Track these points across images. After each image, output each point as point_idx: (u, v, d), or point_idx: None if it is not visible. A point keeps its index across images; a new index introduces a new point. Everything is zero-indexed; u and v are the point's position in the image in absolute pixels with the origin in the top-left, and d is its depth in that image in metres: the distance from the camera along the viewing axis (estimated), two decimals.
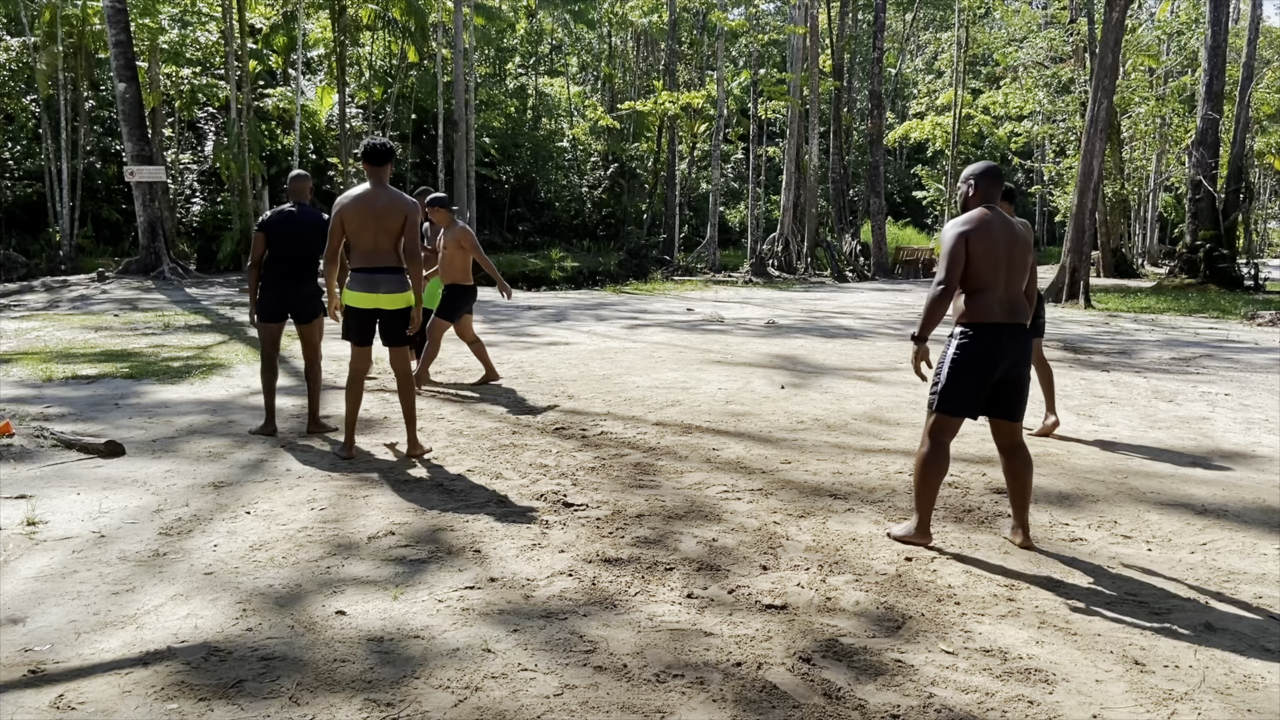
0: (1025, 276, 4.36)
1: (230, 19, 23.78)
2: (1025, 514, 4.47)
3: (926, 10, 49.27)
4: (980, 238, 4.21)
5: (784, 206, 30.35)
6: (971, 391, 4.27)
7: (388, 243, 5.55)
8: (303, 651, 3.27)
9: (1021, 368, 4.33)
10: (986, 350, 4.23)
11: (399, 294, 5.63)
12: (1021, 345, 4.30)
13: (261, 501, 4.93)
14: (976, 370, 4.24)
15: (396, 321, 5.70)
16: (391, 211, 5.52)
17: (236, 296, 17.22)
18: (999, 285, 4.26)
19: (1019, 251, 4.30)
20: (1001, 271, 4.25)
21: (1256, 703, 3.08)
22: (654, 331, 13.06)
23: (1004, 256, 4.25)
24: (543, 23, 39.88)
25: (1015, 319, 4.29)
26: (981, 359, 4.23)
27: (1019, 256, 4.30)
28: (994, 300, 4.26)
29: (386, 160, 5.58)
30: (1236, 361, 10.78)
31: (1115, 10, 18.41)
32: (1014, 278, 4.30)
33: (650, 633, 3.46)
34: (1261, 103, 33.57)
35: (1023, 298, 4.36)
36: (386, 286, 5.59)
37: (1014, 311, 4.29)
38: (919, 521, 4.43)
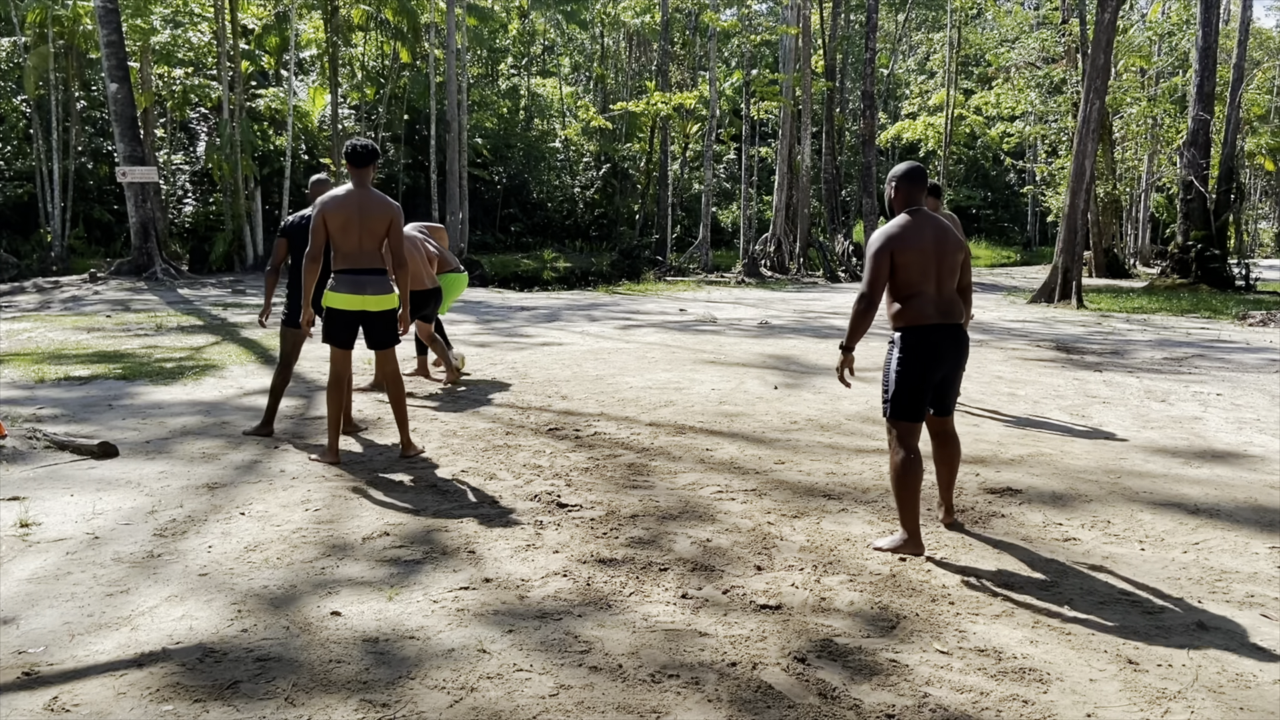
0: (956, 276, 4.41)
1: (222, 19, 23.73)
2: (950, 494, 4.68)
3: (919, 11, 49.36)
4: (905, 247, 4.25)
5: (776, 207, 30.38)
6: (919, 394, 4.35)
7: (372, 244, 5.52)
8: (298, 652, 3.26)
9: (959, 366, 4.46)
10: (926, 353, 4.31)
11: (385, 295, 5.60)
12: (958, 344, 4.40)
13: (256, 502, 4.92)
14: (919, 373, 4.32)
15: (383, 323, 5.65)
16: (377, 213, 5.49)
17: (229, 298, 17.18)
18: (931, 288, 4.32)
19: (949, 251, 4.34)
20: (932, 275, 4.31)
21: (1249, 701, 3.09)
22: (647, 332, 13.06)
23: (933, 260, 4.30)
24: (535, 23, 39.87)
25: (950, 319, 4.35)
26: (922, 362, 4.31)
27: (949, 256, 4.34)
28: (927, 303, 4.32)
29: (368, 161, 5.53)
30: (1228, 361, 10.82)
31: (1107, 11, 18.47)
32: (945, 279, 4.35)
33: (645, 633, 3.47)
34: (1252, 104, 33.75)
35: (956, 298, 4.43)
36: (373, 288, 5.55)
37: (948, 313, 4.35)
38: (909, 533, 4.35)
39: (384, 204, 5.53)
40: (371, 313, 5.60)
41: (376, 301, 5.57)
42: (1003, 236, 46.93)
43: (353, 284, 5.53)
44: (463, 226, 25.85)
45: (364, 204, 5.49)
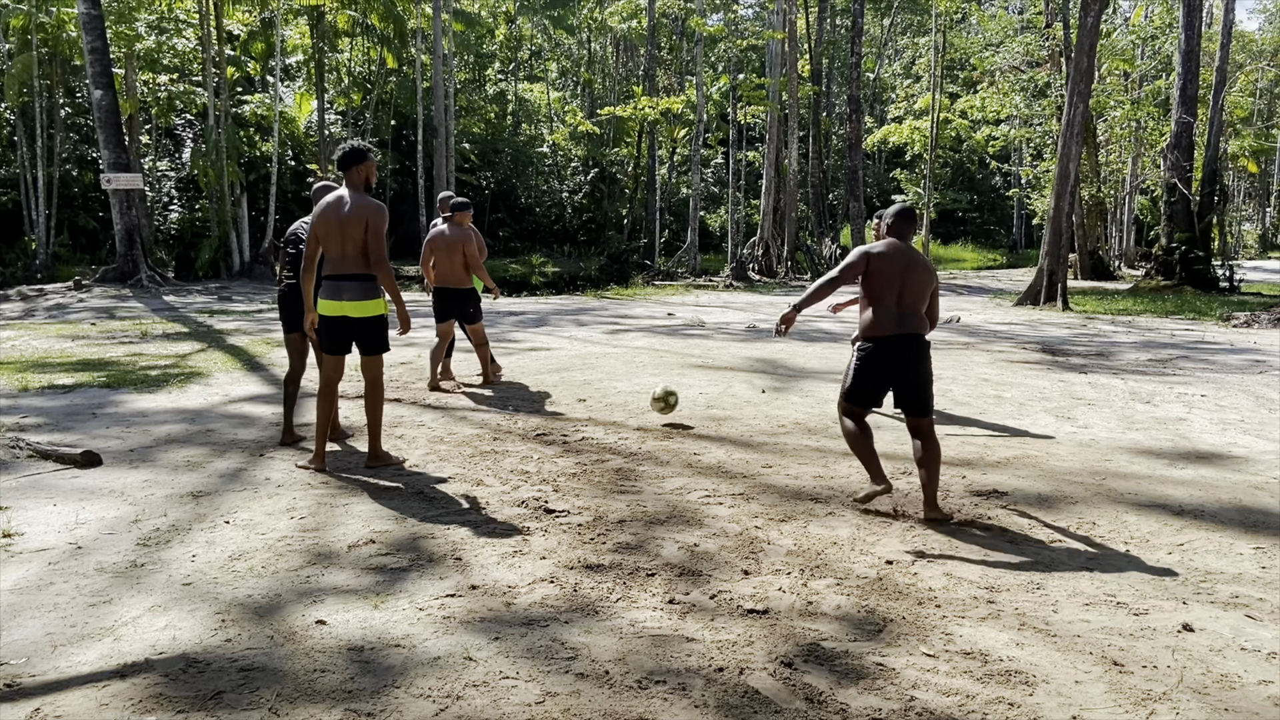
0: (920, 298, 5.01)
1: (207, 25, 23.63)
2: (931, 492, 4.97)
3: (904, 15, 49.55)
4: (881, 259, 4.97)
5: (764, 211, 30.43)
6: (868, 390, 5.07)
7: (353, 249, 5.45)
8: (282, 662, 3.25)
9: (914, 370, 4.99)
10: (877, 359, 5.00)
11: (365, 301, 5.50)
12: (909, 352, 4.97)
13: (240, 511, 4.90)
14: (871, 374, 5.03)
15: (365, 330, 5.57)
16: (355, 217, 5.40)
17: (215, 304, 17.11)
18: (892, 301, 4.97)
19: (915, 273, 4.98)
20: (895, 290, 4.96)
21: (1234, 702, 3.11)
22: (635, 336, 13.06)
23: (899, 278, 4.96)
24: (522, 28, 39.88)
25: (903, 329, 4.96)
26: (874, 366, 5.02)
27: (915, 277, 4.98)
28: (886, 314, 4.98)
29: (351, 164, 5.46)
30: (1212, 363, 10.89)
31: (1090, 15, 18.58)
32: (905, 296, 4.97)
33: (632, 639, 3.46)
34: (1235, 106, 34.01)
35: (916, 313, 5.01)
36: (350, 294, 5.48)
37: (903, 323, 4.97)
38: (871, 476, 5.04)
39: (362, 207, 5.42)
40: (352, 318, 5.54)
41: (355, 307, 5.50)
42: (989, 239, 47.12)
43: (332, 290, 5.52)
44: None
45: (344, 209, 5.44)
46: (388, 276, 5.52)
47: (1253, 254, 49.68)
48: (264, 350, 10.76)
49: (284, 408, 6.41)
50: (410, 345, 11.38)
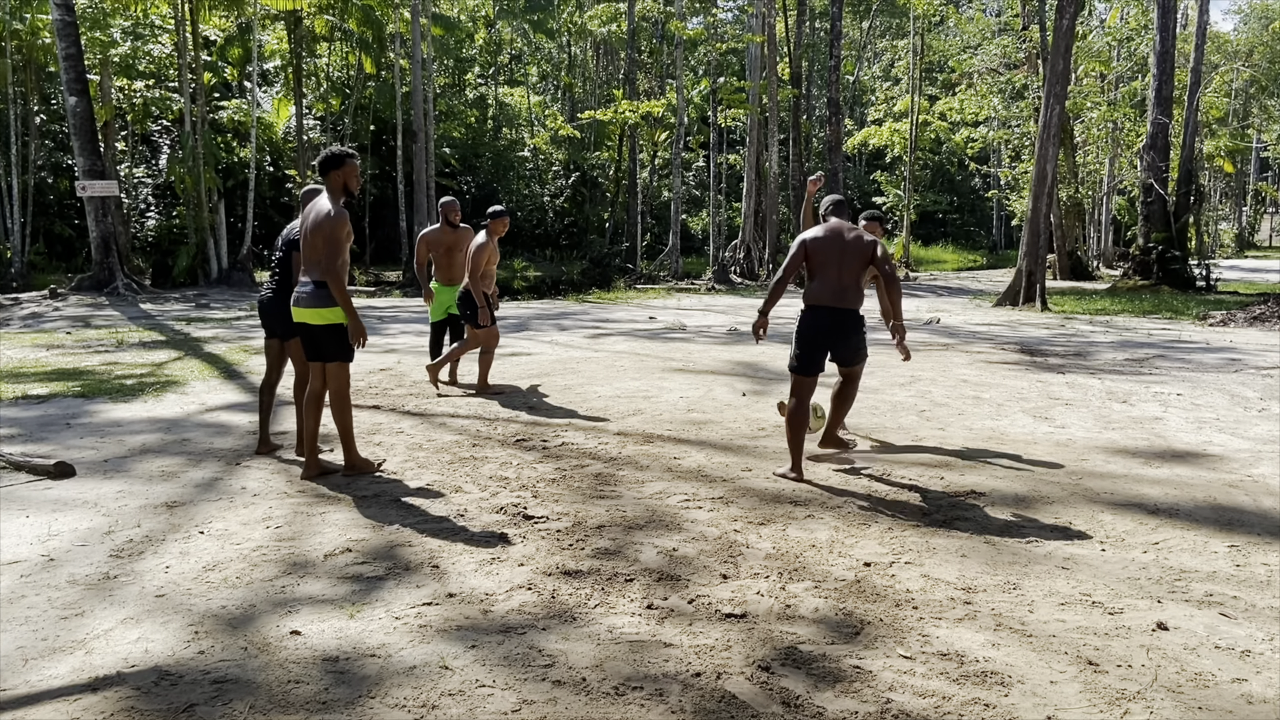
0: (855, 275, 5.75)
1: (183, 31, 23.45)
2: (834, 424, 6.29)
3: (883, 19, 49.79)
4: (816, 242, 5.77)
5: (745, 213, 30.49)
6: (811, 355, 5.81)
7: (313, 255, 5.44)
8: (255, 673, 3.22)
9: (849, 339, 5.87)
10: (813, 324, 5.77)
11: (321, 309, 5.43)
12: (845, 323, 5.79)
13: (216, 521, 4.86)
14: (810, 339, 5.79)
15: (324, 337, 5.50)
16: (314, 224, 5.41)
17: (193, 312, 16.99)
18: (830, 277, 5.73)
19: (849, 254, 5.73)
20: (834, 268, 5.72)
21: (1208, 700, 3.12)
22: (616, 340, 13.05)
23: (836, 256, 5.72)
24: (501, 33, 39.81)
25: (839, 304, 5.74)
26: (811, 331, 5.78)
27: (849, 258, 5.73)
28: (824, 288, 5.75)
29: (329, 169, 5.42)
30: (1188, 362, 10.98)
31: (1065, 17, 18.73)
32: (844, 272, 5.73)
33: (610, 645, 3.45)
34: (1210, 107, 34.34)
35: (851, 287, 5.75)
36: (306, 301, 5.46)
37: (839, 297, 5.73)
38: (794, 462, 5.77)
39: (319, 214, 5.40)
40: (311, 325, 5.51)
41: (312, 314, 5.46)
42: (969, 240, 47.37)
43: (295, 296, 5.56)
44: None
45: (310, 215, 5.48)
46: (336, 284, 5.35)
47: (1229, 253, 50.17)
48: (242, 358, 10.68)
49: (259, 416, 6.36)
50: (390, 352, 11.34)
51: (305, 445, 5.71)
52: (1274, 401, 8.38)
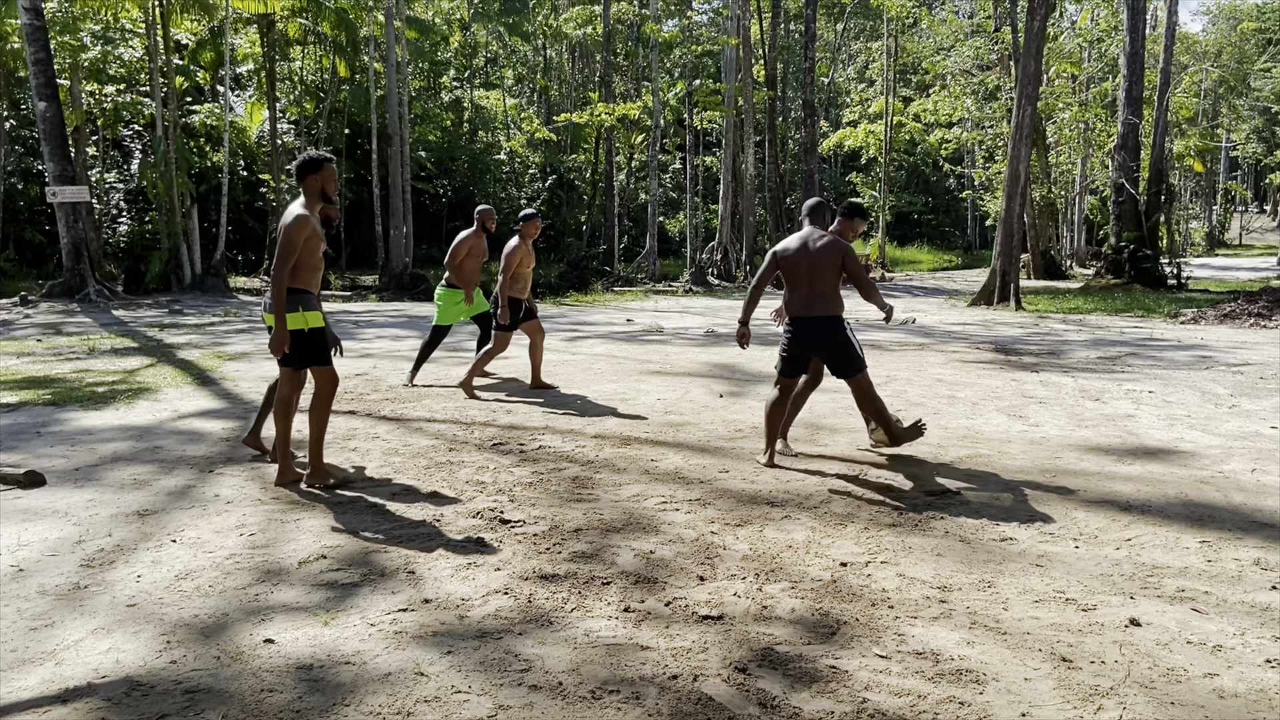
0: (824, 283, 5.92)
1: (154, 35, 23.24)
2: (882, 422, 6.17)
3: (857, 20, 50.08)
4: (785, 255, 6.02)
5: (722, 215, 30.57)
6: (794, 362, 6.11)
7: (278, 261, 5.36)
8: (228, 683, 3.19)
9: (829, 344, 5.98)
10: (793, 336, 6.05)
11: (271, 313, 5.36)
12: (820, 330, 5.96)
13: (188, 529, 4.81)
14: (791, 349, 6.07)
15: None
16: (279, 227, 5.34)
17: (165, 318, 16.82)
18: (801, 289, 5.98)
19: (817, 264, 5.90)
20: (802, 279, 5.97)
21: (1180, 695, 3.15)
22: (593, 343, 13.04)
23: (805, 269, 5.94)
24: (477, 36, 39.70)
25: (811, 313, 5.96)
26: (792, 342, 6.06)
27: (817, 267, 5.90)
28: (794, 299, 6.02)
29: (303, 174, 5.36)
30: (1160, 359, 11.09)
31: (1036, 19, 18.91)
32: (813, 284, 5.94)
33: (586, 649, 3.44)
34: (1180, 107, 34.74)
35: (822, 298, 5.93)
36: (267, 305, 5.41)
37: (809, 306, 5.96)
38: (768, 445, 6.12)
39: (283, 217, 5.34)
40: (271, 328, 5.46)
41: (269, 318, 5.43)
42: (944, 241, 47.71)
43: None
44: (407, 240, 25.61)
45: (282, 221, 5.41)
46: (276, 289, 5.22)
47: (1200, 251, 50.78)
48: (215, 364, 10.59)
49: (259, 411, 6.29)
50: (366, 356, 11.28)
51: (277, 452, 5.65)
52: (1244, 398, 8.49)
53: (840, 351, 5.97)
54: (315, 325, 5.42)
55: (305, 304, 5.37)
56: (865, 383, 6.01)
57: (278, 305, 5.22)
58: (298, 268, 5.30)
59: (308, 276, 5.38)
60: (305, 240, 5.28)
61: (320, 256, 5.48)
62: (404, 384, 9.12)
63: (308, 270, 5.37)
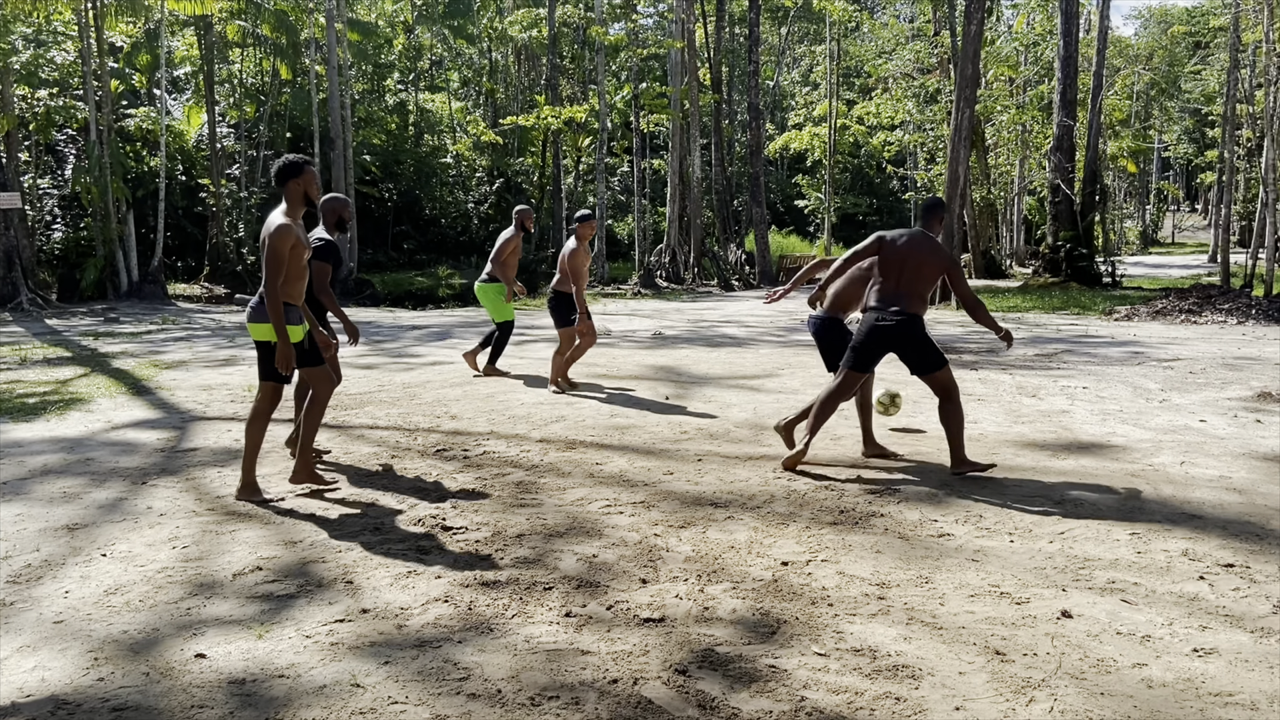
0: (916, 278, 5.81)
1: (87, 38, 22.67)
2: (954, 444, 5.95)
3: (800, 24, 50.55)
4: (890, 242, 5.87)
5: (670, 218, 30.64)
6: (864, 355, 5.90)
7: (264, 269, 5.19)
8: (158, 699, 3.11)
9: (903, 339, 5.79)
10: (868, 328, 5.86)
11: (256, 324, 5.25)
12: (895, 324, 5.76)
13: (119, 543, 4.69)
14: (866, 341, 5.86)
15: (261, 353, 5.34)
16: (263, 236, 5.17)
17: (101, 327, 16.41)
18: (890, 279, 5.82)
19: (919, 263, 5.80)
20: (895, 272, 5.82)
21: (1109, 685, 3.22)
22: (540, 347, 12.97)
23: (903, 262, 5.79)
24: (421, 38, 39.36)
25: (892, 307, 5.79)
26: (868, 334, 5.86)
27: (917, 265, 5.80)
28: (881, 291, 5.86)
29: (284, 179, 5.20)
30: (1094, 356, 11.35)
31: (973, 23, 19.25)
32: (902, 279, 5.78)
33: (526, 655, 3.42)
34: (1113, 109, 35.56)
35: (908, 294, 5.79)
36: (251, 315, 5.26)
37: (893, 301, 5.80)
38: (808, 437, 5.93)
39: (267, 225, 5.17)
40: (256, 340, 5.33)
41: (253, 329, 5.29)
42: None
43: None
44: (352, 245, 25.29)
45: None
46: (270, 302, 5.05)
47: (1134, 250, 52.05)
48: (151, 373, 10.36)
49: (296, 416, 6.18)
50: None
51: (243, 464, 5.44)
52: (1174, 392, 8.72)
53: (920, 347, 5.80)
54: (295, 340, 5.24)
55: (288, 318, 5.18)
56: (942, 381, 5.83)
57: (275, 319, 5.04)
58: (284, 279, 5.13)
59: (290, 287, 5.20)
60: (290, 250, 5.12)
61: (305, 265, 5.31)
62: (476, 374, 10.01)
63: (290, 281, 5.19)
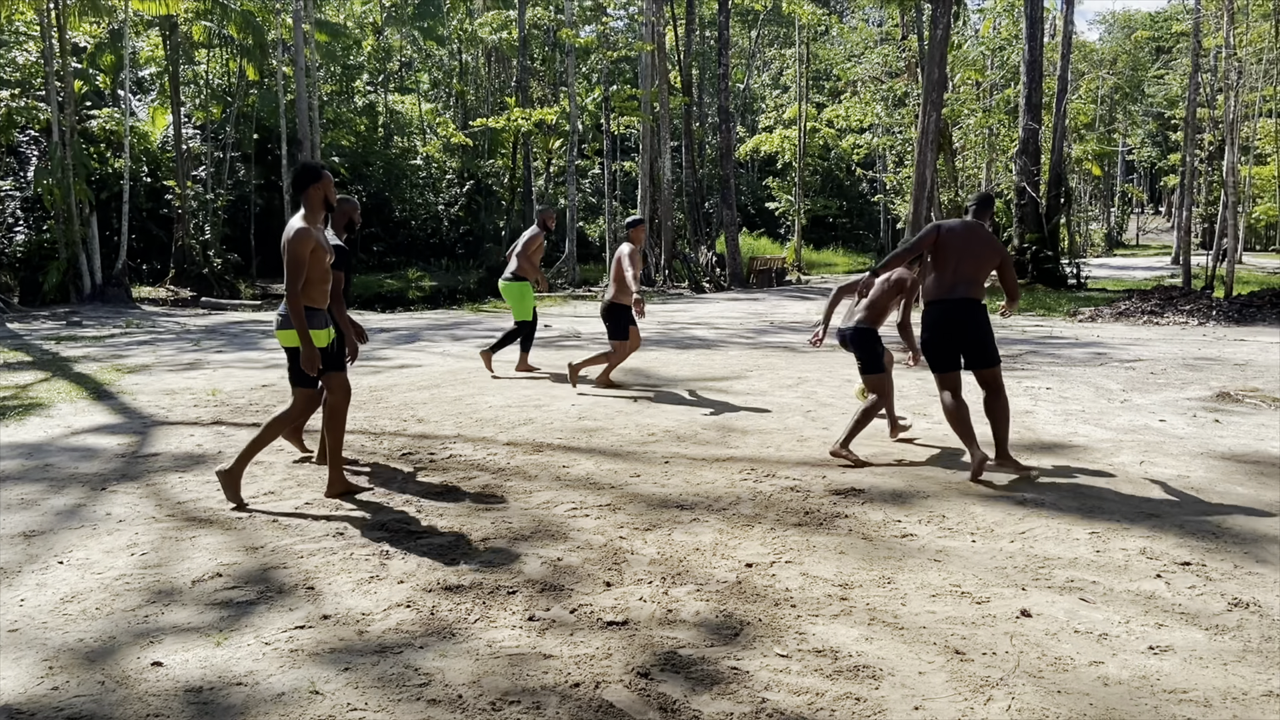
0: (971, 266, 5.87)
1: (50, 38, 22.35)
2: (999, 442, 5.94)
3: (770, 28, 50.81)
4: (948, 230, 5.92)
5: None
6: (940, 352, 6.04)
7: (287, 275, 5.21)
8: (113, 708, 3.07)
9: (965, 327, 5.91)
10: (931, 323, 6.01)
11: (282, 331, 5.30)
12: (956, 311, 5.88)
13: (77, 549, 4.62)
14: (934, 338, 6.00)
15: (291, 360, 5.37)
16: (284, 242, 5.19)
17: (63, 330, 16.18)
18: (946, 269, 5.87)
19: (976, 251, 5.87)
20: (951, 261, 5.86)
21: (1066, 684, 3.26)
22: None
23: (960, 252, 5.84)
24: (391, 39, 39.15)
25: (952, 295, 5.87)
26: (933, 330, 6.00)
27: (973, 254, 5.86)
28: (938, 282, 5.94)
29: (304, 184, 5.22)
30: (1058, 357, 11.48)
31: (938, 28, 19.45)
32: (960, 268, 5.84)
33: (488, 660, 3.41)
34: (1078, 113, 36.03)
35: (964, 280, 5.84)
36: (279, 323, 5.31)
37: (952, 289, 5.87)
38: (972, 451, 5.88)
39: (286, 230, 5.21)
40: (285, 347, 5.37)
41: (280, 336, 5.36)
42: (858, 244, 48.60)
43: None
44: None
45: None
46: (292, 307, 5.11)
47: (1099, 252, 52.75)
48: (114, 378, 10.22)
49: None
50: (272, 367, 11.01)
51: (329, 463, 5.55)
52: (1135, 393, 8.84)
53: (986, 335, 5.90)
54: (320, 346, 5.28)
55: (313, 322, 5.22)
56: (999, 376, 5.95)
57: (298, 322, 5.10)
58: (305, 283, 5.17)
59: (313, 291, 5.24)
60: (311, 253, 5.16)
61: (327, 269, 5.32)
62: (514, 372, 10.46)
63: (312, 285, 5.22)
